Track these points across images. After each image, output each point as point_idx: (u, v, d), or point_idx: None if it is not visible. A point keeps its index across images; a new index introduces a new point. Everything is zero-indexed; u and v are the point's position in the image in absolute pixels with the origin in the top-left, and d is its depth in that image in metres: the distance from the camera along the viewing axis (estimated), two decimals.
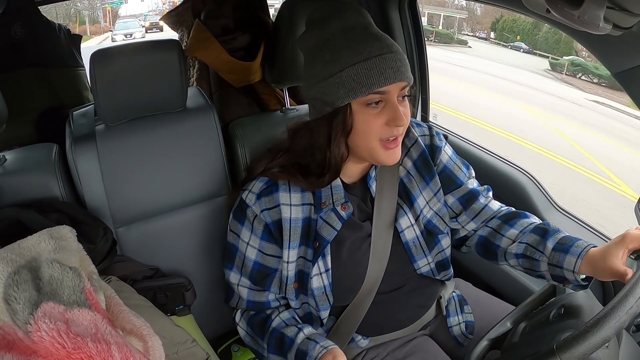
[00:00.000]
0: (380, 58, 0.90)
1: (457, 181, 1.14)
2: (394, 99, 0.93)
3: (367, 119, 0.94)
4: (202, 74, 1.76)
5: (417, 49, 1.83)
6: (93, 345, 0.65)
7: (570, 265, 0.94)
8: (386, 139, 0.95)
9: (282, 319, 1.07)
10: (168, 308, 1.24)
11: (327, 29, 0.95)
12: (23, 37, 1.83)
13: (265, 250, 1.05)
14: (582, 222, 1.42)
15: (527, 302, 0.97)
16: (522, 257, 1.04)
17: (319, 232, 1.02)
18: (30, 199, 1.18)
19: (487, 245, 1.13)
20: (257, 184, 1.05)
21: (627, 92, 0.95)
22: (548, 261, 0.99)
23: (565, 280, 0.97)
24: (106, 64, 1.22)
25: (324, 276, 1.03)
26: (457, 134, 1.78)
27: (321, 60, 0.95)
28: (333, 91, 0.93)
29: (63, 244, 0.90)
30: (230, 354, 1.40)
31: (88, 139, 1.26)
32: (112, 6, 22.65)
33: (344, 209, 1.02)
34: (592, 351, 0.70)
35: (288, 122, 1.10)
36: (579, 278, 0.94)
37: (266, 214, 1.02)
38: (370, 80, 0.90)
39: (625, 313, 0.70)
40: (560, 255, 0.96)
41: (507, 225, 1.10)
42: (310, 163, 1.01)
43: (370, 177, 1.08)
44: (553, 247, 0.98)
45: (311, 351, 0.97)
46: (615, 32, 0.75)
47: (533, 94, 11.78)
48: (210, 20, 1.66)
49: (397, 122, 0.92)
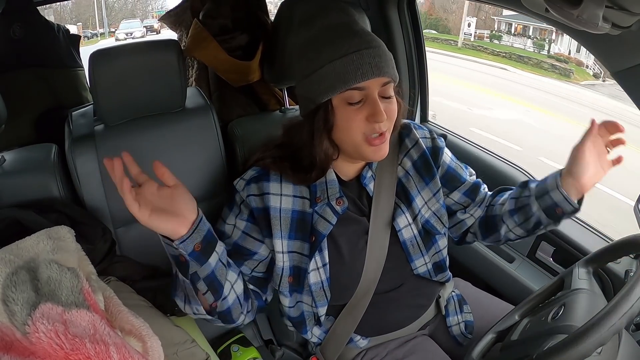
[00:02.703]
0: (358, 54, 0.90)
1: (461, 179, 1.18)
2: (374, 95, 0.93)
3: (347, 115, 0.94)
4: (201, 74, 1.76)
5: (416, 49, 1.83)
6: (91, 346, 0.65)
7: (553, 182, 1.00)
8: (370, 134, 0.95)
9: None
10: (167, 308, 1.24)
11: (312, 28, 0.97)
12: (22, 38, 1.83)
13: (250, 232, 1.03)
14: (582, 223, 1.42)
15: (535, 295, 1.02)
16: (515, 212, 1.09)
17: (315, 227, 1.02)
18: (29, 199, 1.18)
19: (487, 220, 1.18)
20: (250, 172, 1.05)
21: (625, 91, 0.95)
22: (535, 196, 1.05)
23: (558, 208, 1.01)
24: (105, 65, 1.22)
25: (322, 271, 1.03)
26: (456, 134, 1.78)
27: (305, 58, 0.96)
28: (314, 88, 0.94)
29: (61, 245, 0.90)
30: (229, 354, 1.40)
31: (87, 139, 1.26)
32: (157, 13, 23.33)
33: (339, 204, 1.02)
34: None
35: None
36: (566, 195, 0.99)
37: (252, 200, 1.02)
38: (346, 77, 0.90)
39: (607, 330, 0.70)
40: (542, 187, 1.04)
41: (497, 197, 1.18)
42: (302, 159, 1.02)
43: (365, 177, 1.08)
44: (535, 186, 1.06)
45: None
46: (614, 31, 0.75)
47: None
48: (209, 20, 1.65)
49: (377, 117, 0.92)
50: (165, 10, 2.01)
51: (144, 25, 20.88)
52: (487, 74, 12.67)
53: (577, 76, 13.45)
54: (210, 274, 0.88)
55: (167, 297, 1.26)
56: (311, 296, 1.04)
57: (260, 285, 1.07)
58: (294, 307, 1.09)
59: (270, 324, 1.55)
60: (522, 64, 14.43)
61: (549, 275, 1.41)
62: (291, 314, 1.10)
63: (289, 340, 1.37)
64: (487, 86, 11.15)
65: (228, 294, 0.94)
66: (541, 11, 0.80)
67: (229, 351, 1.40)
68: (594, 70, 13.12)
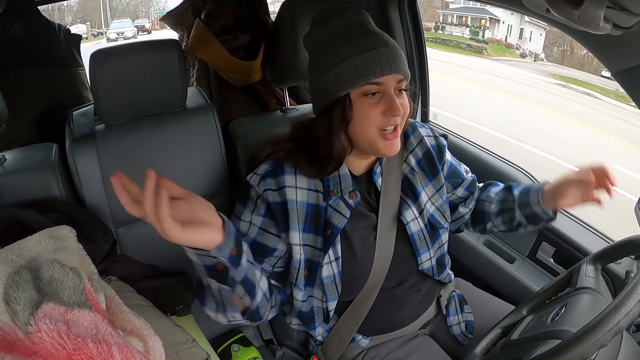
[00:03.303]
0: (377, 51, 0.94)
1: (461, 176, 1.23)
2: (390, 90, 0.96)
3: (365, 108, 0.96)
4: (202, 73, 1.76)
5: (417, 48, 1.84)
6: (94, 346, 0.65)
7: (535, 198, 1.13)
8: (384, 128, 0.97)
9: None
10: (168, 308, 1.24)
11: (328, 27, 1.00)
12: (23, 37, 1.83)
13: (268, 228, 1.03)
14: (581, 222, 1.42)
15: (543, 290, 1.05)
16: (501, 213, 1.21)
17: (329, 220, 1.03)
18: (30, 199, 1.18)
19: (476, 213, 1.28)
20: (263, 166, 1.05)
21: (627, 91, 0.95)
22: (517, 204, 1.16)
23: (538, 217, 1.14)
24: (106, 64, 1.22)
25: (334, 264, 1.03)
26: (456, 134, 1.78)
27: (323, 54, 0.99)
28: (333, 82, 0.96)
29: (63, 244, 0.90)
30: (230, 354, 1.40)
31: (88, 138, 1.26)
32: (158, 14, 23.78)
33: (352, 197, 1.04)
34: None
35: (288, 122, 1.10)
36: (545, 207, 1.11)
37: (269, 194, 1.02)
38: (367, 71, 0.93)
39: (590, 344, 0.71)
40: (524, 197, 1.15)
41: (485, 192, 1.26)
42: (318, 152, 1.02)
43: (375, 173, 1.09)
44: (519, 193, 1.18)
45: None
46: (615, 31, 0.75)
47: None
48: (211, 20, 1.65)
49: (394, 111, 0.95)
50: (165, 12, 2.01)
51: (135, 25, 21.09)
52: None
53: (490, 53, 17.68)
54: (245, 276, 0.86)
55: (168, 297, 1.26)
56: (322, 290, 1.05)
57: (282, 280, 1.08)
58: (306, 301, 1.09)
59: (271, 324, 1.55)
60: (445, 45, 17.84)
61: (549, 276, 1.41)
62: (302, 309, 1.10)
63: (289, 340, 1.38)
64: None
65: (257, 293, 0.93)
66: (542, 11, 0.80)
67: (230, 351, 1.41)
68: (521, 51, 17.66)
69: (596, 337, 0.71)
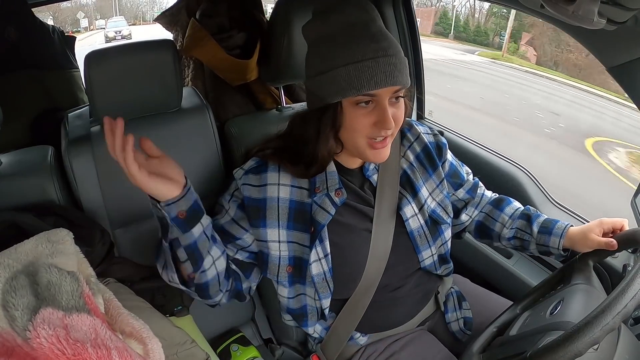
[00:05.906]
0: (374, 61, 0.89)
1: (461, 176, 1.21)
2: (384, 102, 0.93)
3: (356, 117, 0.94)
4: (197, 73, 1.75)
5: (412, 47, 1.83)
6: (93, 350, 0.65)
7: (555, 244, 1.13)
8: (373, 138, 0.95)
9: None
10: (167, 309, 1.24)
11: (328, 24, 0.95)
12: (16, 40, 1.81)
13: (238, 221, 1.04)
14: (578, 216, 1.42)
15: (536, 287, 1.08)
16: (513, 239, 1.22)
17: (314, 217, 1.02)
18: (26, 202, 1.18)
19: (483, 229, 1.26)
20: (249, 162, 1.06)
21: (621, 86, 0.95)
22: (536, 242, 1.17)
23: (550, 254, 1.16)
24: (101, 65, 1.21)
25: (324, 262, 1.03)
26: (453, 130, 1.78)
27: (319, 54, 0.96)
28: (325, 87, 0.93)
29: (60, 248, 0.90)
30: (229, 354, 1.40)
31: (83, 140, 1.25)
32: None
33: (338, 195, 1.03)
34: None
35: (284, 121, 1.10)
36: (562, 252, 1.13)
37: (245, 189, 1.03)
38: (360, 83, 0.90)
39: (600, 329, 0.71)
40: (545, 237, 1.15)
41: (497, 210, 1.24)
42: (303, 153, 1.02)
43: (368, 169, 1.08)
44: (538, 230, 1.16)
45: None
46: (609, 26, 0.75)
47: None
48: (206, 19, 1.65)
49: (385, 125, 0.92)
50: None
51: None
52: None
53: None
54: (192, 244, 0.89)
55: (166, 298, 1.26)
56: (314, 288, 1.04)
57: (244, 269, 1.07)
58: (294, 298, 1.09)
59: (270, 323, 1.55)
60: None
61: (546, 271, 1.42)
62: (290, 306, 1.10)
63: (288, 339, 1.38)
64: None
65: (208, 268, 0.95)
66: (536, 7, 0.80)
67: (229, 351, 1.41)
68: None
69: (606, 321, 0.71)
